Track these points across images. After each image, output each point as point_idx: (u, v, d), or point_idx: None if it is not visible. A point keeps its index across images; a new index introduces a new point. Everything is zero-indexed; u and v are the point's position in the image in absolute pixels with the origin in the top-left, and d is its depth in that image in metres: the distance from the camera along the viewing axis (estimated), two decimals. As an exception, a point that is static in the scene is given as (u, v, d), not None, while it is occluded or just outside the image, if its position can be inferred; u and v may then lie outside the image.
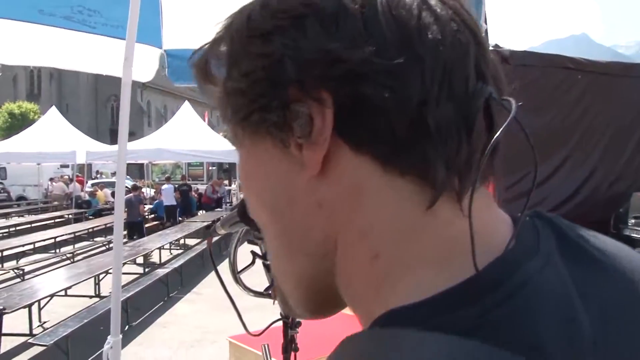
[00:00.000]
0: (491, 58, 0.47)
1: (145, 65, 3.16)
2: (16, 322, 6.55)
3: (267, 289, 1.32)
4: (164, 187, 17.50)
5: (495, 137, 0.43)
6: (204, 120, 21.92)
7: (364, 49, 0.42)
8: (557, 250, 0.46)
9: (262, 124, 0.47)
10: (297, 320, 1.82)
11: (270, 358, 1.75)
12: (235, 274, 1.30)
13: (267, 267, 1.36)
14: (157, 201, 17.07)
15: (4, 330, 5.97)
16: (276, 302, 1.62)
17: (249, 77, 0.46)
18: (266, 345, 1.77)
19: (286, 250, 0.51)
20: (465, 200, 0.43)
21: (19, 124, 31.85)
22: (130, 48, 2.27)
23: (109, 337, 2.30)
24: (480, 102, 0.43)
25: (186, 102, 21.14)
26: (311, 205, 0.47)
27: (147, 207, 16.43)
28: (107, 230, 14.70)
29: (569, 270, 0.44)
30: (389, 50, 0.42)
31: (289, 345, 1.90)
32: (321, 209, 0.46)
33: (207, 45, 0.53)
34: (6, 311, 5.89)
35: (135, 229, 13.84)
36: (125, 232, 14.41)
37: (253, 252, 1.30)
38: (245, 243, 1.44)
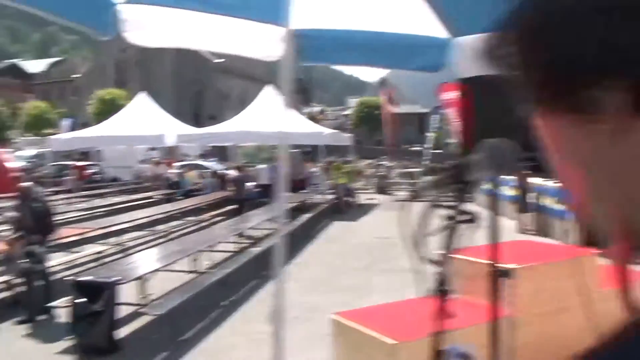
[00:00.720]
0: None
1: (271, 44, 3.27)
2: (121, 294, 6.92)
3: (452, 251, 1.39)
4: (261, 166, 17.93)
5: None
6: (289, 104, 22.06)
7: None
8: None
9: (563, 106, 0.56)
10: (448, 289, 1.88)
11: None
12: (418, 240, 1.38)
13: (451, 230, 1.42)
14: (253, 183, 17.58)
15: (118, 301, 6.32)
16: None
17: (549, 68, 0.55)
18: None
19: (602, 206, 0.60)
20: None
21: (109, 109, 33.35)
22: (287, 29, 2.38)
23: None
24: None
25: (268, 85, 21.35)
26: (618, 168, 0.56)
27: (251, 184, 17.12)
28: (198, 210, 15.18)
29: None
30: None
31: (442, 312, 1.96)
32: (628, 169, 0.55)
33: (496, 42, 0.61)
34: (122, 281, 6.26)
35: (245, 205, 14.63)
36: (236, 206, 14.98)
37: (448, 216, 1.36)
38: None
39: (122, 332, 6.42)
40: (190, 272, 8.70)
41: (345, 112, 63.20)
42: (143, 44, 3.09)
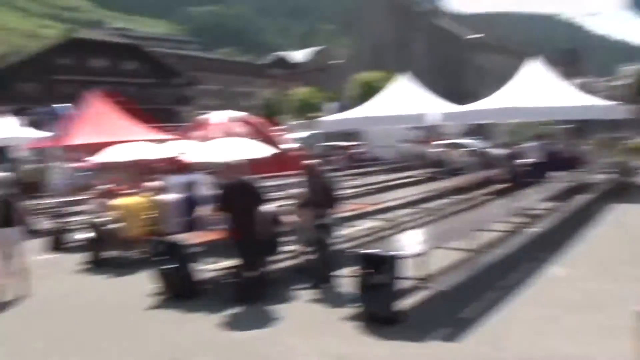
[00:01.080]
0: None
1: None
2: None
3: None
4: (531, 144, 17.16)
5: None
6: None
7: None
8: None
9: None
10: None
11: None
12: None
13: None
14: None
15: (399, 274, 6.44)
16: None
17: None
18: None
19: None
20: None
21: (368, 92, 34.66)
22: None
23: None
24: None
25: (533, 60, 20.04)
26: None
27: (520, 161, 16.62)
28: (466, 189, 14.72)
29: None
30: None
31: None
32: None
33: None
34: (404, 255, 6.39)
35: (516, 183, 14.28)
36: (508, 185, 14.52)
37: None
38: None
39: (403, 305, 6.56)
40: (466, 250, 8.55)
41: (616, 83, 56.91)
42: (472, 11, 3.03)
